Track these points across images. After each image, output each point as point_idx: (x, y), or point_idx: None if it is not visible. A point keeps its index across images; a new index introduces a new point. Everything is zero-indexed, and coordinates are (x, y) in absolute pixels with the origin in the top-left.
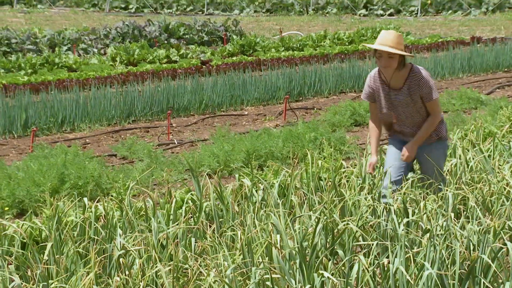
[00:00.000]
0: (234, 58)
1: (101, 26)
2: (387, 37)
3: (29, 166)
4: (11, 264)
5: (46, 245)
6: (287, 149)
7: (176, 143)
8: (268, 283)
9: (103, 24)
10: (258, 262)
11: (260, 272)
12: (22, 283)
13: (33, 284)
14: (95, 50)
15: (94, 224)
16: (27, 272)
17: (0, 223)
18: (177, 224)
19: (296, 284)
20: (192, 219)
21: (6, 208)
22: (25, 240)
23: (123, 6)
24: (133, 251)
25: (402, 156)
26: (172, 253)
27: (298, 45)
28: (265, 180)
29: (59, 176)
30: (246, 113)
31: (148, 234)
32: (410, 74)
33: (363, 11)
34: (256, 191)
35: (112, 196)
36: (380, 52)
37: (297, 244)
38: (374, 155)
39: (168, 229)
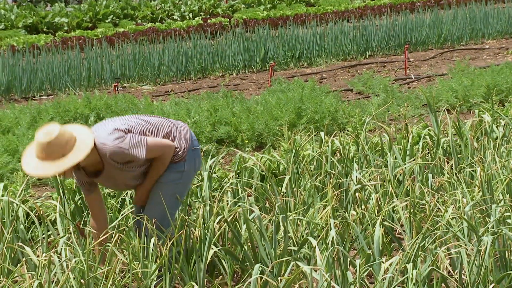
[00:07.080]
0: None
1: None
2: (45, 149)
3: (267, 100)
4: (250, 195)
5: (284, 178)
6: None
7: (413, 77)
8: (509, 220)
9: None
10: (499, 199)
11: (500, 210)
12: (261, 214)
13: (272, 216)
14: None
15: (331, 158)
16: (265, 204)
17: (241, 156)
18: (413, 160)
19: None
20: (429, 154)
21: (246, 141)
22: (264, 173)
23: None
24: (369, 186)
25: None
26: (408, 188)
27: None
28: (507, 116)
29: (296, 111)
30: (487, 46)
31: (384, 169)
32: (100, 153)
33: None
34: (497, 127)
35: (348, 131)
36: None
37: None
38: None
39: (405, 164)
